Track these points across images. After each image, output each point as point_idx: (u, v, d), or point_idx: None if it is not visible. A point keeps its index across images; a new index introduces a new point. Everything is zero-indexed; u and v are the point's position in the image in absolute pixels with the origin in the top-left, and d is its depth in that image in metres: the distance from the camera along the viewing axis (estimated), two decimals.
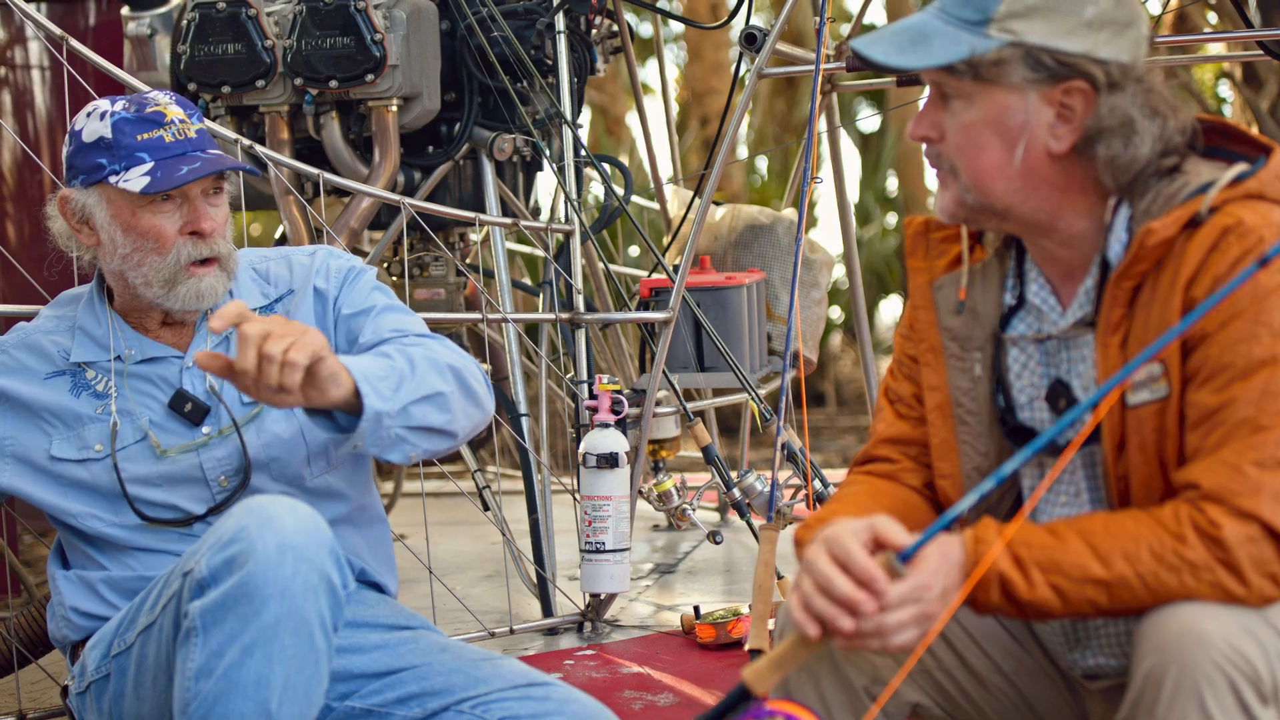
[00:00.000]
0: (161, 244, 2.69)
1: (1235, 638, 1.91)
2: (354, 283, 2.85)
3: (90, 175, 2.69)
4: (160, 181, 2.64)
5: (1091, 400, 1.98)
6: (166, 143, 2.67)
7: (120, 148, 2.66)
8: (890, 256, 13.43)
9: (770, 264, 5.21)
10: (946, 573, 1.99)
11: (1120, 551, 1.98)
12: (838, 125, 5.57)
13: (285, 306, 2.83)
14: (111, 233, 2.71)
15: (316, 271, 2.85)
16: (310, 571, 2.37)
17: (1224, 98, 11.81)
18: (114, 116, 2.68)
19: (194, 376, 2.77)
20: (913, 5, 12.49)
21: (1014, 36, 2.09)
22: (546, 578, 4.29)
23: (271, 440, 2.76)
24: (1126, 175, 2.13)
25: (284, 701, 2.36)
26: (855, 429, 11.05)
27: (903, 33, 2.17)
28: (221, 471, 2.74)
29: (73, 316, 2.80)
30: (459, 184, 4.84)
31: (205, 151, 2.70)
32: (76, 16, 5.51)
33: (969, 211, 2.19)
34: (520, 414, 4.41)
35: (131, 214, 2.69)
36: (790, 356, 3.94)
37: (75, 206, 2.73)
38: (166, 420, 2.75)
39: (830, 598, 1.96)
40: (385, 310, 2.81)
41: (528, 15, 4.69)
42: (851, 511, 2.20)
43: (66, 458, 2.74)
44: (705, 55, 12.75)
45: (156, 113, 2.69)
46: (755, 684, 2.00)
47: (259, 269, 2.88)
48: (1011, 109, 2.12)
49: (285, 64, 4.45)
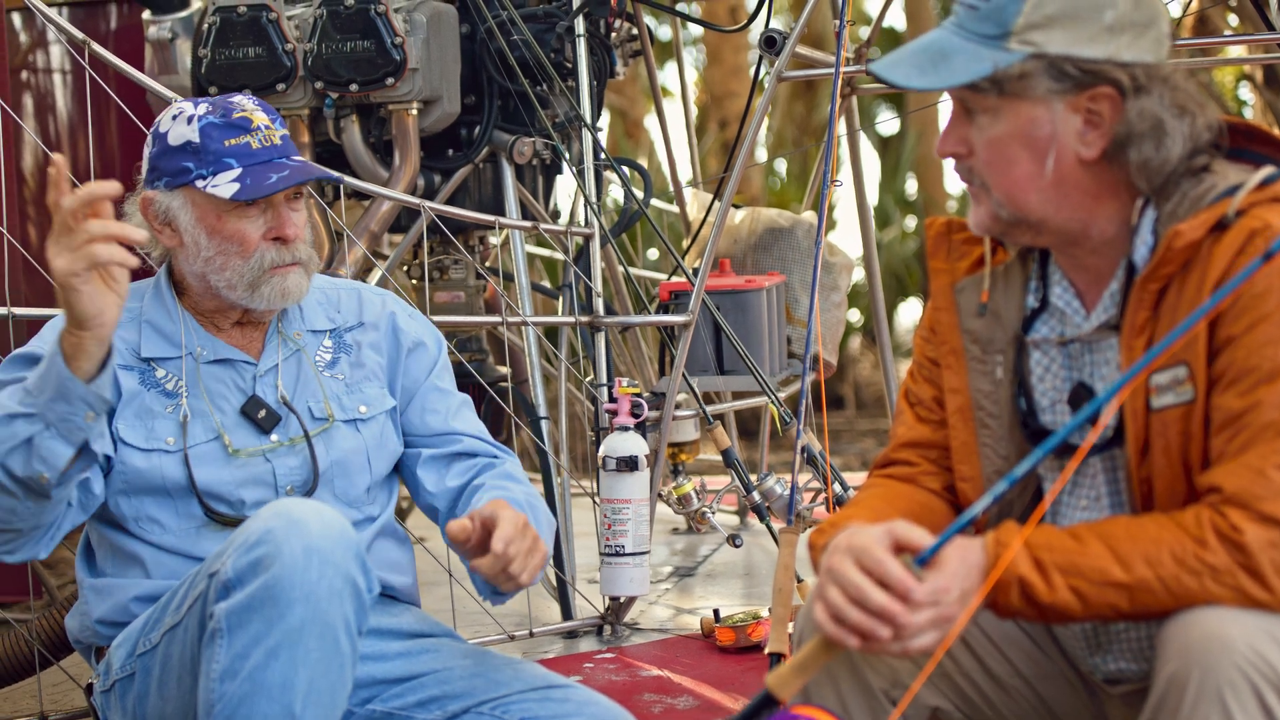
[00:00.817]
0: (245, 248, 2.70)
1: (1258, 642, 1.90)
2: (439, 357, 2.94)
3: (176, 178, 2.70)
4: (249, 189, 2.66)
5: (1105, 396, 1.97)
6: (253, 149, 2.69)
7: (208, 153, 2.68)
8: (910, 259, 13.43)
9: (790, 267, 5.21)
10: (965, 575, 1.98)
11: (1141, 555, 1.98)
12: (858, 128, 5.57)
13: (356, 337, 2.87)
14: (195, 235, 2.72)
15: (393, 315, 2.92)
16: (335, 575, 2.38)
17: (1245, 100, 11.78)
18: (201, 121, 2.69)
19: (266, 385, 2.78)
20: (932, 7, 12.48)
21: (1035, 48, 2.08)
22: (566, 581, 4.29)
23: (341, 457, 2.79)
24: (1160, 177, 2.12)
25: (308, 704, 2.36)
26: (874, 432, 11.04)
27: (922, 52, 2.16)
28: (290, 481, 2.76)
29: (137, 309, 2.80)
30: (479, 187, 4.85)
31: (290, 158, 2.73)
32: (98, 20, 5.53)
33: (1004, 226, 2.18)
34: (540, 417, 4.41)
35: (217, 218, 2.70)
36: (810, 360, 3.94)
37: (159, 208, 2.74)
38: (236, 424, 2.76)
39: (866, 610, 1.96)
40: (464, 405, 2.94)
41: (547, 19, 4.70)
42: (866, 516, 2.20)
43: (133, 443, 2.70)
44: (724, 58, 12.77)
45: (243, 118, 2.71)
46: (779, 689, 2.00)
47: (328, 294, 2.92)
48: (1038, 121, 2.11)
49: (306, 67, 4.46)
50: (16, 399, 2.43)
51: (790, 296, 5.17)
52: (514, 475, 2.86)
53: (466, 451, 2.89)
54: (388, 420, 2.86)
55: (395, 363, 2.89)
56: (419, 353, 2.91)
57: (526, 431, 4.37)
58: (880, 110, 14.00)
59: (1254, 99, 11.45)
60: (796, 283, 5.20)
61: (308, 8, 4.51)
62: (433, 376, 2.92)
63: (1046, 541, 2.01)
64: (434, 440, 2.89)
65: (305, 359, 2.81)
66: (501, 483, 2.81)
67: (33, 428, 2.41)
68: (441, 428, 2.89)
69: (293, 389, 2.78)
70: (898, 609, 1.94)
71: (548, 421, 4.46)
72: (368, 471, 2.81)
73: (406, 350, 2.90)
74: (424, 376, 2.91)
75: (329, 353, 2.84)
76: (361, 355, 2.86)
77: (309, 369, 2.81)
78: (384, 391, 2.86)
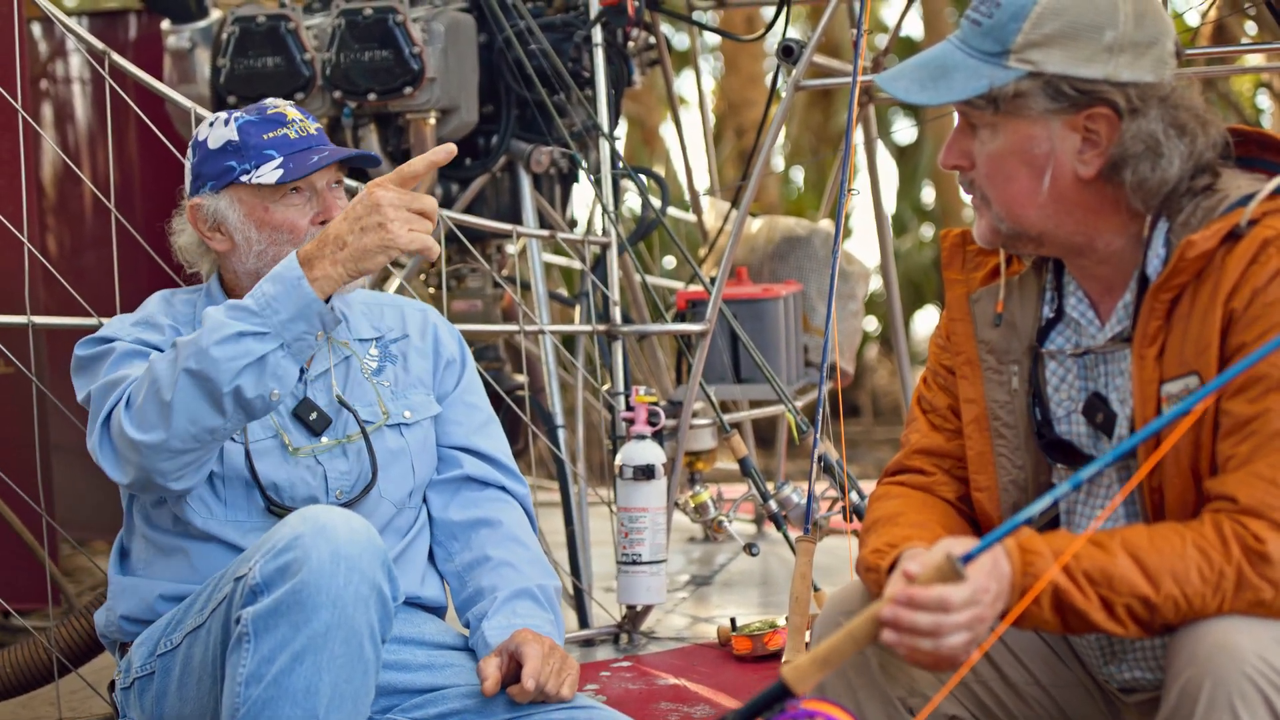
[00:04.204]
0: (295, 235, 2.75)
1: (1268, 650, 1.91)
2: (467, 371, 2.99)
3: (220, 179, 2.76)
4: (293, 171, 2.72)
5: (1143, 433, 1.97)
6: (292, 139, 2.76)
7: (249, 148, 2.75)
8: (926, 268, 13.41)
9: (807, 276, 5.21)
10: (999, 577, 1.99)
11: (1169, 570, 1.98)
12: (875, 137, 5.57)
13: (401, 348, 2.92)
14: (246, 232, 2.77)
15: (435, 327, 2.97)
16: (362, 582, 2.40)
17: (1262, 108, 11.75)
18: (239, 120, 2.77)
19: (317, 389, 2.81)
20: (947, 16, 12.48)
21: (1032, 67, 2.09)
22: (583, 589, 4.29)
23: (386, 460, 2.82)
24: (1156, 197, 2.12)
25: (331, 710, 2.38)
26: (891, 441, 11.03)
27: (924, 67, 2.18)
28: (340, 485, 2.78)
29: (191, 315, 2.82)
30: (496, 196, 4.86)
31: (326, 146, 2.80)
32: (117, 30, 5.55)
33: (1005, 238, 2.20)
34: (557, 425, 4.41)
35: (264, 210, 2.75)
36: (827, 368, 3.94)
37: (206, 213, 2.79)
38: (288, 425, 2.78)
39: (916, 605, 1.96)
40: (489, 422, 2.99)
41: (565, 28, 4.70)
42: (918, 535, 2.19)
43: None
44: (741, 67, 12.76)
45: (278, 114, 2.79)
46: (796, 683, 1.96)
47: (371, 306, 2.97)
48: (1036, 139, 2.12)
49: (324, 77, 4.48)
50: (228, 317, 2.50)
51: (807, 305, 5.17)
52: (519, 537, 2.91)
53: (475, 477, 2.93)
54: (431, 427, 2.90)
55: (435, 372, 2.94)
56: (453, 368, 2.96)
57: (543, 440, 4.37)
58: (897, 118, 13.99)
59: (1272, 107, 11.42)
60: (813, 291, 5.20)
61: (326, 17, 4.53)
62: (460, 390, 2.96)
63: (1073, 549, 2.00)
64: (447, 455, 2.92)
65: (356, 363, 2.86)
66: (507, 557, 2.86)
67: (266, 345, 2.49)
68: (461, 442, 2.93)
69: (344, 392, 2.82)
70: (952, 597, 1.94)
71: (564, 430, 4.46)
72: (411, 475, 2.84)
73: (445, 363, 2.95)
74: (452, 389, 2.95)
75: (375, 360, 2.89)
76: (408, 364, 2.91)
77: (359, 373, 2.85)
78: (430, 398, 2.91)
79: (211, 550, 2.73)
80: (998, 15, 2.12)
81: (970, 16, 2.17)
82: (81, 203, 5.48)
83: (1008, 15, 2.11)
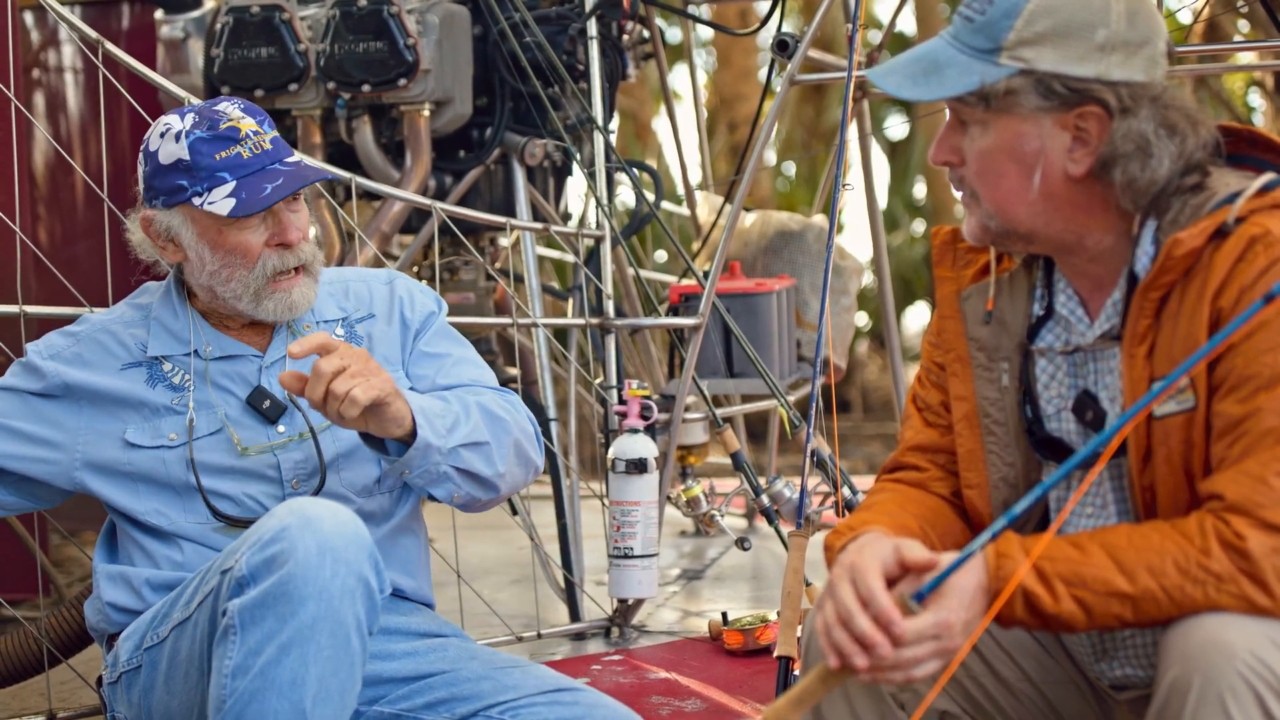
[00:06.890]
0: (249, 258, 2.71)
1: (1259, 647, 1.91)
2: (432, 323, 2.93)
3: (172, 197, 2.70)
4: (245, 204, 2.66)
5: (1117, 425, 1.97)
6: (245, 159, 2.68)
7: (200, 169, 2.67)
8: (918, 263, 13.41)
9: (800, 270, 5.21)
10: (968, 606, 1.97)
11: (1145, 565, 1.98)
12: (869, 132, 5.57)
13: (367, 328, 2.88)
14: (199, 250, 2.73)
15: (400, 300, 2.91)
16: (348, 574, 2.40)
17: (1254, 106, 11.76)
18: (190, 137, 2.68)
19: (273, 376, 2.79)
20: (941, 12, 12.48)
21: (1024, 64, 2.09)
22: (574, 582, 4.30)
23: (349, 447, 2.79)
24: (1145, 197, 2.12)
25: (318, 702, 2.38)
26: (881, 436, 11.02)
27: (916, 62, 2.18)
28: (295, 475, 2.77)
29: (148, 307, 2.82)
30: (490, 189, 4.85)
31: (283, 162, 2.72)
32: (110, 19, 5.54)
33: (994, 236, 2.20)
34: (549, 419, 4.42)
35: (218, 233, 2.71)
36: (820, 363, 3.94)
37: (160, 227, 2.75)
38: (243, 416, 2.78)
39: (849, 633, 1.96)
40: (461, 361, 2.90)
41: (560, 21, 4.70)
42: (883, 521, 2.20)
43: (141, 444, 2.75)
44: (734, 61, 12.75)
45: (231, 128, 2.69)
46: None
47: (337, 284, 2.92)
48: (1026, 136, 2.12)
49: (318, 68, 4.47)
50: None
51: (800, 300, 5.17)
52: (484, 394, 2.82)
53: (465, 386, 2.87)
54: None
55: (405, 347, 2.90)
56: (427, 326, 2.92)
57: None
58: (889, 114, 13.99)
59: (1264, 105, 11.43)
60: (806, 286, 5.20)
61: (320, 8, 4.52)
62: (420, 343, 2.91)
63: (1049, 552, 2.00)
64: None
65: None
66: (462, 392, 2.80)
67: None
68: (429, 390, 2.84)
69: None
70: (879, 639, 1.94)
71: (557, 423, 4.47)
72: (376, 461, 2.79)
73: (414, 332, 2.90)
74: (436, 348, 2.91)
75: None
76: (373, 344, 2.86)
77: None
78: (399, 374, 2.85)
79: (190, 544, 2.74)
80: (990, 12, 2.12)
81: (963, 13, 2.17)
82: (74, 192, 5.47)
83: (1000, 12, 2.11)
